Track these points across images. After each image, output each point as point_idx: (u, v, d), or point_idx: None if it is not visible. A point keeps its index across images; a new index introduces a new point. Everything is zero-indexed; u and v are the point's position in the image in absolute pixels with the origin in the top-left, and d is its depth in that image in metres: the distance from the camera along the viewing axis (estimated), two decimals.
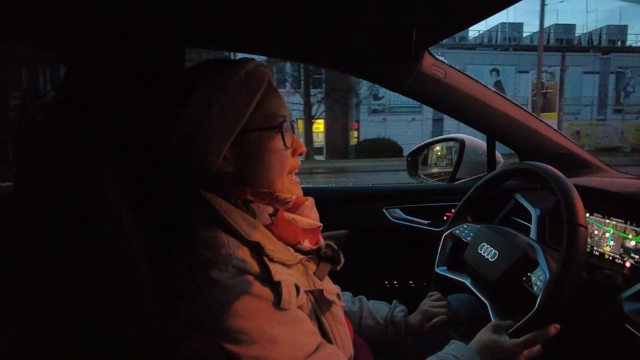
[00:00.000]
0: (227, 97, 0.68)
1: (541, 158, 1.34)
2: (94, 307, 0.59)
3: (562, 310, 0.80)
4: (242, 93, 0.69)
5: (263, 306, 0.63)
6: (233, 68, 0.70)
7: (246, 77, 0.70)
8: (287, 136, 0.72)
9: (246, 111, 0.69)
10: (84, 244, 0.58)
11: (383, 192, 1.63)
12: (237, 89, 0.69)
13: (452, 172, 1.68)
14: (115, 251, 0.59)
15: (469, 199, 1.18)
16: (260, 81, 0.71)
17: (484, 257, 0.99)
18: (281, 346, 0.63)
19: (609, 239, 1.06)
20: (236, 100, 0.68)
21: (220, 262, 0.62)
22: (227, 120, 0.68)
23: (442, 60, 1.23)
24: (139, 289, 0.61)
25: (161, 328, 0.62)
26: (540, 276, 0.87)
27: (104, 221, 0.59)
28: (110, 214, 0.60)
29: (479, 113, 1.33)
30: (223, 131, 0.68)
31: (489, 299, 0.94)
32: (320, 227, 0.78)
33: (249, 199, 0.70)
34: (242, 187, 0.71)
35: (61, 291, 0.59)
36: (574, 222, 0.82)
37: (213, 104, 0.68)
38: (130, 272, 0.60)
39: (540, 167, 0.96)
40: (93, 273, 0.59)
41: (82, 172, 0.60)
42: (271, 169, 0.72)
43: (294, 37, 1.08)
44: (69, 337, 0.60)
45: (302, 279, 0.71)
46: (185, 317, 0.63)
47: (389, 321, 1.00)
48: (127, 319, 0.60)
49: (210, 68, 0.71)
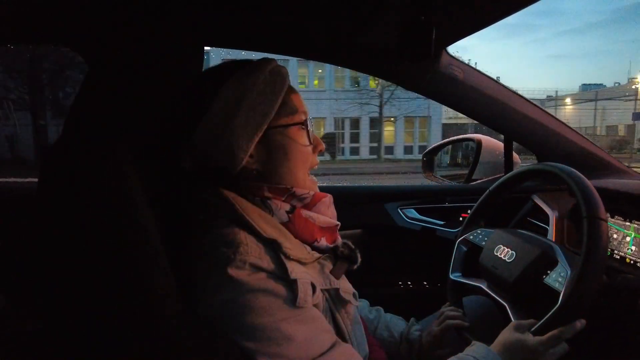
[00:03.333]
0: (254, 94, 0.70)
1: (560, 159, 1.32)
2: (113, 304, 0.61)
3: (586, 307, 0.78)
4: (268, 90, 0.71)
5: (279, 304, 0.64)
6: (258, 67, 0.73)
7: (270, 75, 0.72)
8: (307, 134, 0.75)
9: (273, 107, 0.71)
10: (104, 241, 0.60)
11: (398, 191, 1.63)
12: (263, 86, 0.71)
13: (469, 172, 1.67)
14: (135, 248, 0.60)
15: (482, 204, 1.16)
16: (284, 79, 0.73)
17: (501, 258, 0.98)
18: (297, 344, 0.63)
19: (630, 242, 1.04)
20: (263, 97, 0.70)
21: (237, 260, 0.63)
22: (255, 117, 0.70)
23: (460, 59, 1.22)
24: (158, 285, 0.62)
25: (178, 324, 0.63)
26: (561, 273, 0.85)
27: (123, 218, 0.60)
28: (129, 211, 0.61)
29: (496, 113, 1.32)
30: (251, 127, 0.70)
31: (508, 300, 0.92)
32: (337, 225, 0.78)
33: (266, 195, 0.71)
34: (260, 184, 0.72)
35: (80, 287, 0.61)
36: (593, 215, 0.80)
37: (241, 101, 0.69)
38: (149, 269, 0.61)
39: (554, 166, 0.94)
40: (112, 270, 0.60)
41: (104, 170, 0.61)
42: (296, 164, 0.74)
43: (313, 36, 1.08)
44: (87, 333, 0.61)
45: (318, 277, 0.71)
46: (202, 314, 0.64)
47: (404, 337, 0.99)
48: (145, 315, 0.61)
49: (235, 68, 0.73)
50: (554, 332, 0.78)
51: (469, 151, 1.78)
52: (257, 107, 0.70)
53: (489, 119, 1.35)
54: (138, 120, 0.72)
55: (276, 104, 0.71)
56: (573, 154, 1.36)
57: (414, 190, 1.65)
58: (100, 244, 0.60)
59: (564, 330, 0.78)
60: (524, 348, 0.79)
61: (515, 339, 0.80)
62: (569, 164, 0.95)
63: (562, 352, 0.79)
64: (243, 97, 0.69)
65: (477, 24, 0.98)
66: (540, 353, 0.78)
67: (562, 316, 0.79)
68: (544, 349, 0.78)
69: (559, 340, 0.78)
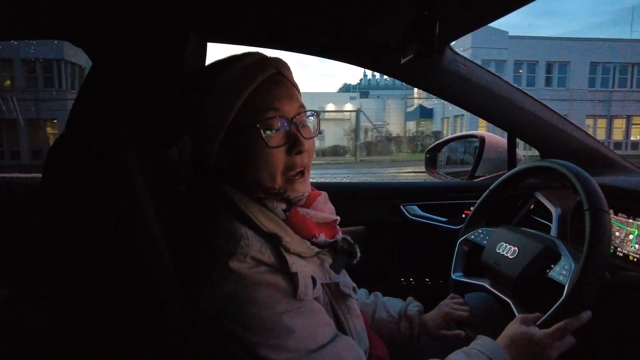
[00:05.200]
0: (219, 93, 0.68)
1: (564, 156, 1.31)
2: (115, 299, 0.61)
3: (592, 298, 0.78)
4: (230, 88, 0.68)
5: (280, 296, 0.64)
6: (230, 63, 0.70)
7: (241, 72, 0.68)
8: (275, 135, 0.68)
9: (232, 108, 0.68)
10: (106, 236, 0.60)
11: (400, 188, 1.63)
12: (228, 85, 0.68)
13: (472, 169, 1.66)
14: (137, 243, 0.61)
15: (483, 202, 1.16)
16: (254, 75, 0.68)
17: (504, 255, 0.98)
18: (297, 336, 0.64)
19: (633, 240, 1.03)
20: (224, 96, 0.68)
21: (239, 253, 0.63)
22: (216, 116, 0.68)
23: (464, 56, 1.21)
24: (161, 279, 0.63)
25: (181, 317, 0.64)
26: (565, 265, 0.85)
27: (125, 213, 0.61)
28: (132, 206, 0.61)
29: (499, 109, 1.31)
30: (212, 127, 0.69)
31: (512, 296, 0.92)
32: (336, 220, 0.78)
33: (260, 196, 0.71)
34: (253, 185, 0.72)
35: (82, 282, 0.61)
36: (595, 207, 0.80)
37: (204, 102, 0.69)
38: (151, 264, 0.62)
39: (554, 162, 0.94)
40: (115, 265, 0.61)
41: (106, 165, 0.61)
42: (259, 166, 0.68)
43: (317, 32, 1.08)
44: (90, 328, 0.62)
45: (318, 271, 0.72)
46: (204, 307, 0.64)
47: (402, 315, 0.99)
48: (148, 309, 0.61)
49: (218, 63, 0.72)
50: (560, 324, 0.78)
51: (472, 148, 1.77)
52: (218, 107, 0.68)
53: (492, 116, 1.35)
54: (141, 115, 0.73)
55: (236, 103, 0.67)
56: (577, 151, 1.35)
57: (417, 187, 1.64)
58: (103, 238, 0.60)
59: (570, 322, 0.78)
60: (531, 341, 0.78)
61: (522, 332, 0.80)
62: (573, 161, 0.95)
63: (568, 344, 0.79)
64: (206, 98, 0.69)
65: (481, 19, 0.98)
66: (546, 346, 0.77)
67: (568, 308, 0.79)
68: (551, 342, 0.77)
69: (565, 332, 0.78)
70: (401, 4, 0.86)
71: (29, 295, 0.72)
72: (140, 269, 0.62)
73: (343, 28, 1.04)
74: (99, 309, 0.61)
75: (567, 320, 0.78)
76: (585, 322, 0.78)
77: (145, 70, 0.72)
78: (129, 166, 0.62)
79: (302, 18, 1.00)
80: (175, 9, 0.84)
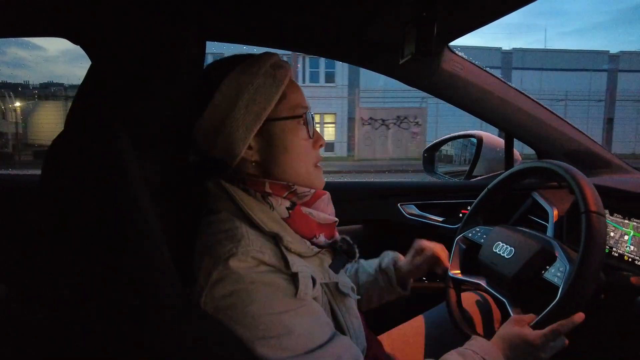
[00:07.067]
0: (254, 87, 0.71)
1: (560, 157, 1.32)
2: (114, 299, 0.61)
3: (585, 301, 0.79)
4: (268, 83, 0.72)
5: (280, 296, 0.64)
6: (260, 60, 0.73)
7: (272, 69, 0.73)
8: (308, 129, 0.76)
9: (272, 100, 0.72)
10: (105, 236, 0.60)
11: (398, 187, 1.63)
12: (263, 79, 0.72)
13: (469, 169, 1.67)
14: (136, 243, 0.61)
15: (480, 202, 1.17)
16: (285, 73, 0.74)
17: (500, 255, 0.99)
18: (296, 335, 0.64)
19: (628, 240, 1.04)
20: (262, 90, 0.71)
21: (239, 253, 0.63)
22: (254, 109, 0.71)
23: (462, 56, 1.22)
24: (161, 279, 0.63)
25: (181, 316, 0.64)
26: (560, 267, 0.86)
27: (124, 213, 0.61)
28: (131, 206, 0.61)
29: (497, 110, 1.31)
30: (250, 120, 0.71)
31: (507, 296, 0.93)
32: (336, 222, 0.78)
33: (267, 191, 0.71)
34: (262, 180, 0.72)
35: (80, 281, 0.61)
36: (591, 210, 0.81)
37: (241, 94, 0.71)
38: (151, 264, 0.62)
39: (551, 163, 0.95)
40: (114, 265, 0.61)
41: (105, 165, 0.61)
42: (296, 157, 0.74)
43: (316, 31, 1.08)
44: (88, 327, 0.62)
45: (318, 271, 0.72)
46: (204, 306, 0.65)
47: (377, 270, 1.04)
48: (147, 308, 0.61)
49: (237, 61, 0.74)
50: (553, 325, 0.79)
51: (469, 148, 1.78)
52: (256, 99, 0.71)
53: (490, 116, 1.35)
54: (140, 114, 0.73)
55: (275, 97, 0.72)
56: (574, 152, 1.36)
57: (415, 186, 1.65)
58: (102, 238, 0.60)
59: (563, 324, 0.79)
60: (524, 342, 0.80)
61: (515, 333, 0.81)
62: (570, 161, 0.96)
63: (560, 345, 0.80)
64: (243, 90, 0.71)
65: (480, 20, 0.98)
66: (539, 346, 0.79)
67: (561, 310, 0.80)
68: (544, 343, 0.79)
69: (558, 333, 0.79)
70: (401, 4, 0.86)
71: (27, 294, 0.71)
72: (140, 268, 0.62)
73: (343, 28, 1.04)
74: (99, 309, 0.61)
75: (561, 322, 0.79)
76: (578, 324, 0.79)
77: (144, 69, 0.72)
78: (129, 166, 0.62)
79: (302, 18, 1.00)
80: (175, 8, 0.84)
